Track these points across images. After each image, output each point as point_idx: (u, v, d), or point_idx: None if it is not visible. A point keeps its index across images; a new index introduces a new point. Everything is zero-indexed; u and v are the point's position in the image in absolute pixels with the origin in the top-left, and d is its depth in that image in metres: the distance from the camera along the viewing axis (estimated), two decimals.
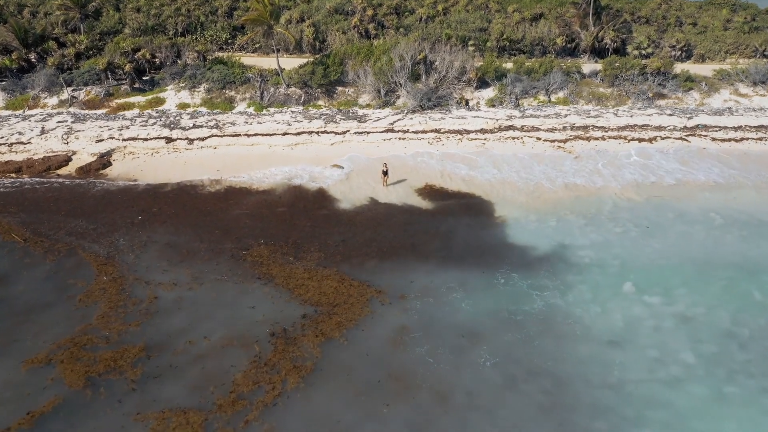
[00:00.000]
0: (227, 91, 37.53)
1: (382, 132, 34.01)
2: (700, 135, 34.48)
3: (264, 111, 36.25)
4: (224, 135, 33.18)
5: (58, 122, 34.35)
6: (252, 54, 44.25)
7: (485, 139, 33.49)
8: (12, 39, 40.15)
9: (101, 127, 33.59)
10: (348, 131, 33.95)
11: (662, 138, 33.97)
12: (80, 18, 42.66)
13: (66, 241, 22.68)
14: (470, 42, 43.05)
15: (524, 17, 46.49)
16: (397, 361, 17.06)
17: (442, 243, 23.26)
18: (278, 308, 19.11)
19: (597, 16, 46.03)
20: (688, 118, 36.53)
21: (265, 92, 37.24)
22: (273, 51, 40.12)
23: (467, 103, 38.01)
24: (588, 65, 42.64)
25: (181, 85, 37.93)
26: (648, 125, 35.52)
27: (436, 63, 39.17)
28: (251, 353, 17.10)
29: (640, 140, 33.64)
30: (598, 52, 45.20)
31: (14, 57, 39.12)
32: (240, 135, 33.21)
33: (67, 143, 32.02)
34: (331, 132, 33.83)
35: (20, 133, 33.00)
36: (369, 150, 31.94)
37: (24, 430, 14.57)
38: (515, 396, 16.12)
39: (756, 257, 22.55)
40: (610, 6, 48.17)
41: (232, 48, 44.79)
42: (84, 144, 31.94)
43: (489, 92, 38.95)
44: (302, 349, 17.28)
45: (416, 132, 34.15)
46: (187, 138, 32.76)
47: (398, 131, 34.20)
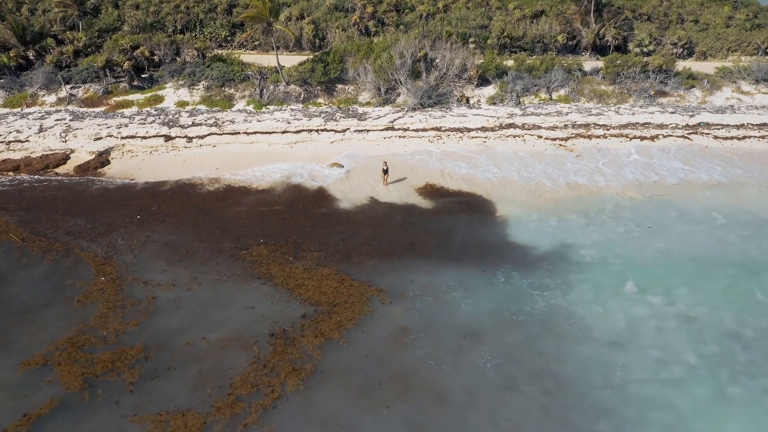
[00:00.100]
0: (226, 89, 37.31)
1: (382, 130, 33.82)
2: (703, 133, 34.28)
3: (263, 109, 36.05)
4: (223, 133, 32.99)
5: (57, 120, 34.16)
6: (251, 51, 44.01)
7: (486, 138, 33.30)
8: (10, 36, 39.92)
9: (100, 125, 33.40)
10: (348, 129, 33.76)
11: (664, 136, 33.77)
12: (79, 15, 42.46)
13: (64, 241, 22.52)
14: (471, 39, 42.82)
15: (525, 14, 46.26)
16: (398, 363, 16.91)
17: (443, 242, 23.10)
18: (278, 308, 18.96)
19: (598, 13, 45.80)
20: (690, 116, 36.33)
21: (265, 90, 37.03)
22: (272, 48, 39.91)
23: (468, 101, 37.80)
24: (589, 63, 42.40)
25: (180, 83, 37.72)
26: (650, 123, 35.33)
27: (437, 60, 38.94)
28: (250, 354, 16.96)
29: (642, 138, 33.44)
30: (600, 50, 44.99)
31: (12, 54, 38.88)
32: (239, 133, 33.01)
33: (66, 141, 31.84)
34: (331, 130, 33.63)
35: (18, 131, 32.83)
36: (369, 148, 31.76)
37: None
38: (516, 397, 15.98)
39: (759, 257, 22.38)
40: (612, 3, 47.89)
41: (232, 45, 44.57)
42: (82, 142, 31.77)
43: (490, 90, 38.75)
44: (302, 351, 17.13)
45: (416, 130, 33.95)
46: (186, 136, 32.58)
47: (398, 129, 34.01)
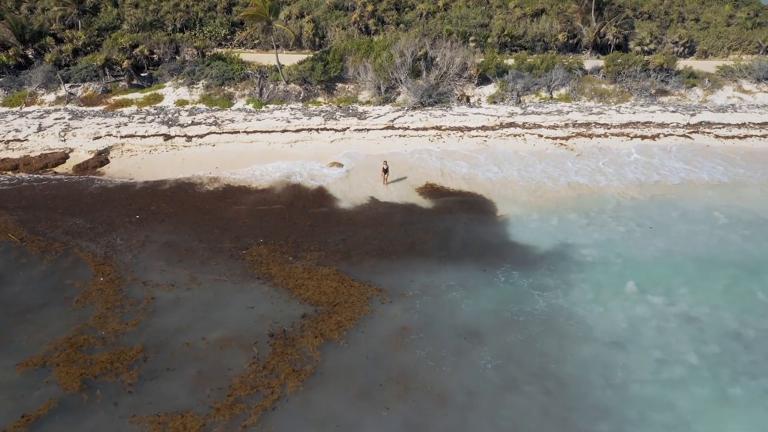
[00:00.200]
0: (226, 88, 37.21)
1: (383, 129, 33.72)
2: (704, 132, 34.18)
3: (263, 108, 35.95)
4: (223, 132, 32.89)
5: (56, 119, 34.07)
6: (251, 50, 43.92)
7: (486, 137, 33.19)
8: (9, 35, 39.84)
9: (99, 125, 33.30)
10: (348, 128, 33.66)
11: (665, 135, 33.67)
12: (78, 14, 42.36)
13: (63, 240, 22.43)
14: (471, 38, 42.72)
15: (525, 13, 46.17)
16: (398, 363, 16.82)
17: (443, 242, 23.01)
18: (277, 308, 18.88)
19: (599, 12, 45.70)
20: (691, 115, 36.23)
21: (264, 89, 36.93)
22: (272, 47, 39.80)
23: (468, 100, 37.71)
24: (590, 61, 42.32)
25: (180, 82, 37.62)
26: (651, 122, 35.23)
27: (437, 59, 38.83)
28: (250, 355, 16.87)
29: (643, 137, 33.33)
30: (600, 49, 44.91)
31: (11, 53, 38.79)
32: (239, 132, 32.92)
33: (65, 140, 31.74)
34: (331, 129, 33.54)
35: (17, 131, 32.73)
36: (369, 147, 31.66)
37: None
38: (517, 397, 15.90)
39: (760, 257, 22.29)
40: (612, 1, 47.79)
41: (231, 44, 44.47)
42: (81, 141, 31.67)
43: (490, 89, 38.66)
44: (301, 352, 17.05)
45: (417, 129, 33.85)
46: (186, 135, 32.48)
47: (398, 128, 33.91)
